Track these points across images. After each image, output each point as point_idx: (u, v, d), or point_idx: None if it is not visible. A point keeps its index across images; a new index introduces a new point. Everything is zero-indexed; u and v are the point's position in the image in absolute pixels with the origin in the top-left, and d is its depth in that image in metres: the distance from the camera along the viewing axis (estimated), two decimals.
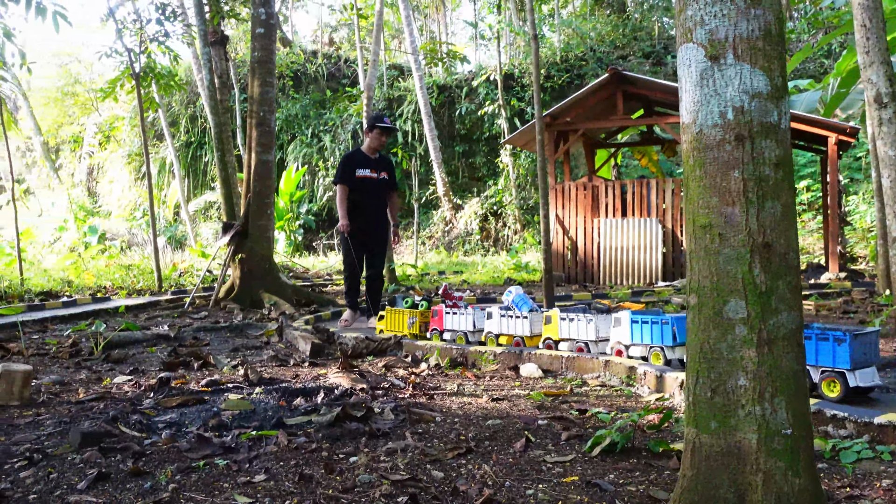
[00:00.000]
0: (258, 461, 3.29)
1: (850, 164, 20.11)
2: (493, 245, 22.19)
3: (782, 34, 1.94)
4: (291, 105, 26.02)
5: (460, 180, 24.90)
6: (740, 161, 1.89)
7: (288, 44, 30.33)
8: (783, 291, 1.89)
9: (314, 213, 24.87)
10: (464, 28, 35.43)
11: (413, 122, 24.70)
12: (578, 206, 13.79)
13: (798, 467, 1.87)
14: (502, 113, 22.66)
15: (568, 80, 24.14)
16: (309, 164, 25.03)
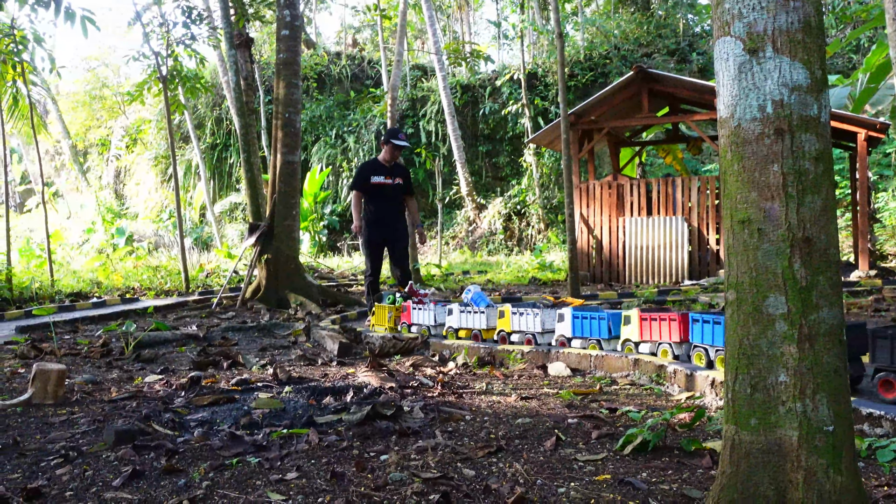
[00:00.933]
0: (290, 459, 3.30)
1: (880, 161, 19.81)
2: (517, 245, 22.14)
3: (821, 26, 1.91)
4: (315, 106, 26.16)
5: (484, 180, 24.88)
6: (780, 155, 1.87)
7: (312, 46, 30.51)
8: (824, 287, 1.87)
9: (338, 213, 24.98)
10: (487, 27, 35.41)
11: (437, 122, 24.73)
12: (603, 204, 13.73)
13: (840, 465, 1.84)
14: (526, 112, 22.61)
15: (592, 79, 24.04)
16: (333, 165, 25.14)
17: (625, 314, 5.26)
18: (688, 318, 4.83)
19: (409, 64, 27.01)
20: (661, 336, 5.01)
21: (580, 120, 13.95)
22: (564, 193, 8.67)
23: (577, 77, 24.02)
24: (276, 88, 11.18)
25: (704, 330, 4.65)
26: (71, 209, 29.92)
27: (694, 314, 4.81)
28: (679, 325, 4.85)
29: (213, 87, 25.06)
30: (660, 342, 5.02)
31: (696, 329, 4.75)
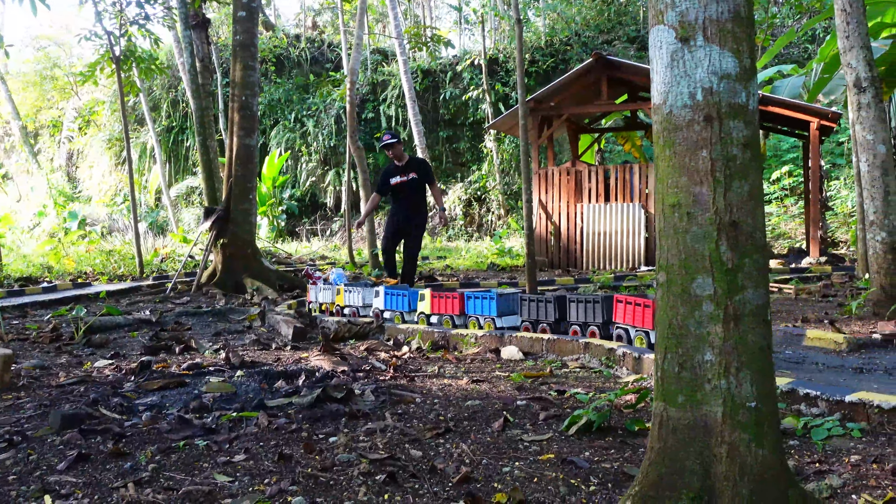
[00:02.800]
0: (238, 442, 3.31)
1: (833, 150, 20.25)
2: (477, 230, 22.23)
3: (751, 17, 1.97)
4: (274, 89, 25.85)
5: (444, 165, 24.88)
6: (709, 141, 1.92)
7: (271, 28, 30.10)
8: (749, 269, 1.93)
9: (297, 198, 24.78)
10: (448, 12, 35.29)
11: (397, 106, 24.62)
12: (562, 191, 13.84)
13: (762, 439, 1.92)
14: (486, 98, 22.63)
15: (553, 65, 24.13)
16: (292, 149, 24.91)
17: (421, 292, 6.53)
18: (464, 295, 6.16)
19: (369, 48, 26.82)
20: (446, 310, 6.24)
21: (540, 106, 14.03)
22: (522, 180, 8.72)
23: (537, 63, 24.10)
24: (232, 71, 11.04)
25: (476, 304, 6.05)
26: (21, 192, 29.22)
27: (468, 292, 6.16)
28: (458, 300, 6.15)
29: (169, 68, 24.60)
30: (444, 314, 6.26)
31: (469, 304, 6.11)
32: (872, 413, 3.31)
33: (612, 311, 5.36)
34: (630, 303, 5.13)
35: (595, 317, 5.44)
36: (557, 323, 5.71)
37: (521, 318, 5.91)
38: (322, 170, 24.86)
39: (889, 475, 2.75)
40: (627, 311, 5.14)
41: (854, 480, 2.70)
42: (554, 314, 5.69)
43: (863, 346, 5.17)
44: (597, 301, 5.45)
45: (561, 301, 5.70)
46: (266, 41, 26.92)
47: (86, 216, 24.53)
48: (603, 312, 5.40)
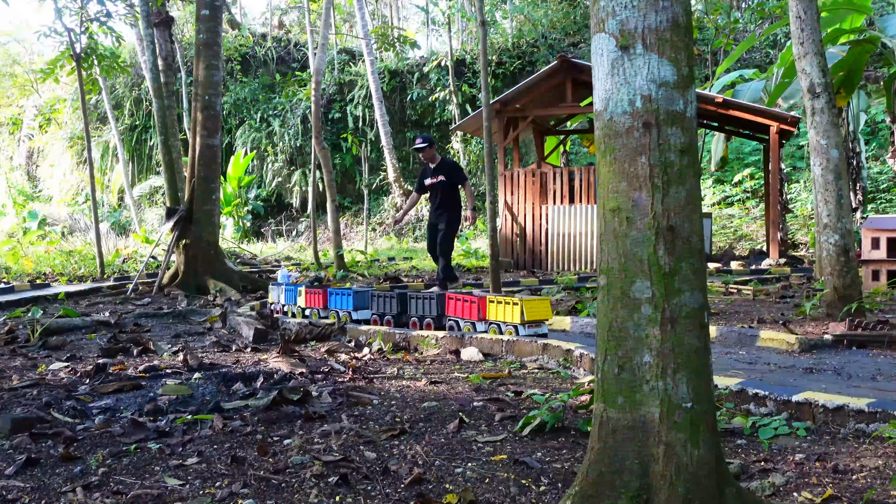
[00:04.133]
0: (192, 445, 3.29)
1: (793, 153, 20.61)
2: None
3: (690, 26, 2.01)
4: (240, 89, 25.64)
5: (412, 166, 24.86)
6: (647, 147, 1.96)
7: (236, 26, 29.85)
8: (686, 273, 1.98)
9: (263, 198, 24.60)
10: (416, 13, 35.28)
11: (364, 107, 24.56)
12: (527, 192, 13.92)
13: (698, 439, 1.96)
14: (453, 99, 22.67)
15: (519, 67, 24.24)
16: (258, 149, 24.73)
17: (299, 289, 7.36)
18: (327, 292, 7.05)
19: (336, 47, 26.73)
20: (315, 304, 7.10)
21: (506, 108, 14.09)
22: (486, 182, 8.76)
23: (504, 65, 24.20)
24: (195, 70, 10.94)
25: (336, 300, 6.92)
26: None
27: (331, 289, 7.07)
28: (322, 296, 7.00)
29: (132, 66, 24.28)
30: (314, 308, 7.11)
31: (331, 299, 6.98)
32: (818, 412, 3.40)
33: (444, 306, 6.19)
34: (459, 299, 6.07)
35: (431, 311, 6.25)
36: (399, 315, 6.53)
37: (371, 312, 6.75)
38: (288, 170, 24.72)
39: (830, 473, 2.82)
40: (457, 306, 6.06)
41: (797, 478, 2.77)
42: (397, 308, 6.53)
43: (814, 346, 5.29)
44: (432, 297, 6.29)
45: (402, 297, 6.57)
46: (232, 40, 26.70)
47: (46, 216, 24.10)
48: (437, 307, 6.22)
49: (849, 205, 6.75)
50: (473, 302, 5.88)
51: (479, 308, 5.84)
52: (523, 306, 5.50)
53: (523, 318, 5.51)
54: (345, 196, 24.25)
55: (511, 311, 5.60)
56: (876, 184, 18.28)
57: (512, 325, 5.60)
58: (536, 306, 5.62)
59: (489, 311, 5.79)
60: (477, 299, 5.87)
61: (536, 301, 5.71)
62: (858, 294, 6.61)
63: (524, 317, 5.50)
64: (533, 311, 5.56)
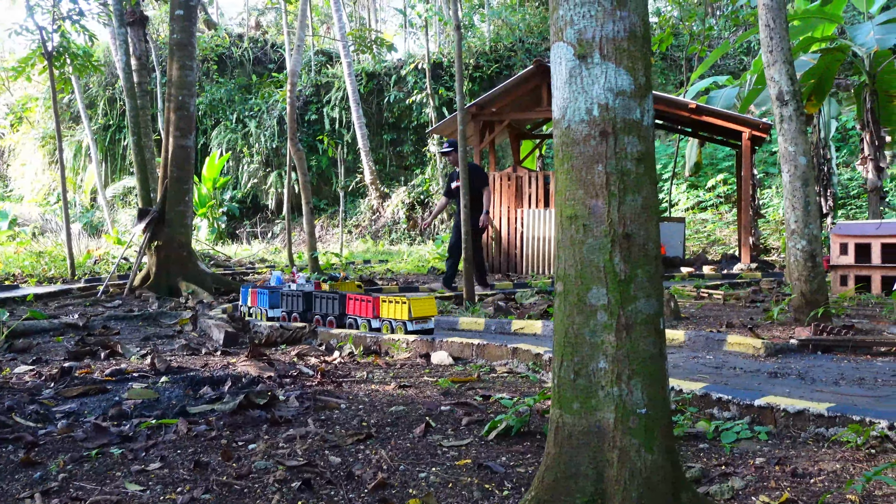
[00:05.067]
0: (155, 449, 3.27)
1: (766, 159, 20.88)
2: (420, 234, 22.26)
3: (647, 36, 2.03)
4: (216, 89, 25.47)
5: (388, 169, 24.87)
6: (604, 156, 1.98)
7: (213, 26, 29.66)
8: (642, 280, 2.00)
9: (238, 200, 24.45)
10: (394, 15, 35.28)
11: (341, 109, 24.52)
12: (503, 196, 13.96)
13: (652, 444, 1.98)
14: (430, 102, 22.69)
15: (497, 71, 24.34)
16: (233, 150, 24.58)
17: (249, 290, 7.76)
18: (257, 290, 7.58)
19: (313, 49, 26.64)
20: (254, 303, 7.57)
21: (482, 111, 14.13)
22: (460, 185, 8.79)
23: (482, 68, 24.27)
24: (169, 70, 10.87)
25: (261, 299, 7.43)
26: None
27: (260, 290, 7.50)
28: (256, 295, 7.55)
29: (106, 65, 24.04)
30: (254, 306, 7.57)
31: (258, 298, 7.50)
32: (779, 416, 3.44)
33: (345, 305, 6.68)
34: (358, 299, 6.59)
35: (333, 309, 6.75)
36: (305, 313, 7.03)
37: (281, 310, 7.25)
38: (264, 171, 24.59)
39: (789, 476, 2.86)
40: (355, 305, 6.59)
41: (756, 482, 2.81)
42: (303, 306, 7.02)
43: (780, 351, 5.35)
44: (334, 297, 6.78)
45: (308, 296, 7.06)
46: (208, 40, 26.53)
47: (17, 216, 23.77)
48: (339, 306, 6.73)
49: (816, 211, 6.84)
50: (368, 301, 6.46)
51: (374, 307, 6.42)
52: (410, 305, 6.10)
53: (410, 315, 6.12)
54: (321, 198, 24.19)
55: (400, 310, 6.19)
56: (846, 190, 18.56)
57: (401, 321, 6.19)
58: (423, 304, 6.23)
59: (382, 309, 6.37)
60: (371, 299, 6.46)
61: (423, 300, 6.30)
62: (825, 299, 6.70)
63: (411, 314, 6.12)
64: (419, 308, 6.18)
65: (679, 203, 20.78)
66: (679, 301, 8.71)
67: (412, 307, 6.10)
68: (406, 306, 6.12)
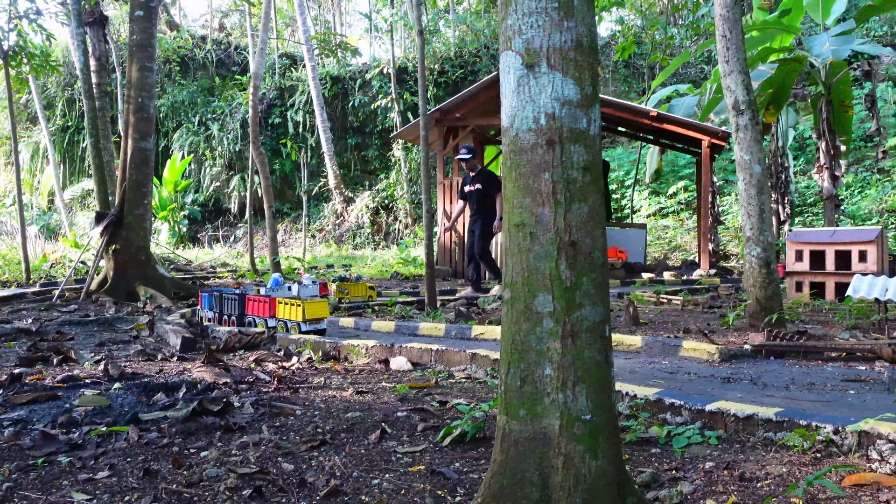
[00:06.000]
0: (105, 458, 3.21)
1: (726, 167, 21.19)
2: (384, 239, 22.22)
3: (594, 46, 2.06)
4: (178, 91, 25.17)
5: (352, 173, 24.78)
6: (551, 164, 2.00)
7: (175, 27, 29.32)
8: (587, 287, 2.02)
9: (200, 203, 24.17)
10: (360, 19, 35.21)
11: (305, 112, 24.38)
12: None
13: (597, 450, 2.00)
14: (395, 106, 22.68)
15: (462, 76, 24.40)
16: (195, 152, 24.30)
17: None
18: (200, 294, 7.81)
19: (277, 52, 26.47)
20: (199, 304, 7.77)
21: (446, 116, 14.16)
22: (423, 191, 8.79)
23: (446, 74, 24.32)
24: (128, 71, 10.72)
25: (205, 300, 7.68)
26: None
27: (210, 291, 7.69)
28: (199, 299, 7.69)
29: (65, 65, 23.63)
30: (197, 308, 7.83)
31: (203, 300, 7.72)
32: (729, 421, 3.49)
33: (245, 305, 7.14)
34: (256, 300, 7.06)
35: (235, 310, 7.21)
36: (221, 314, 7.45)
37: (213, 311, 7.59)
38: (226, 175, 24.36)
39: (737, 481, 2.90)
40: (254, 306, 7.08)
41: (704, 486, 2.85)
42: (238, 310, 7.31)
43: (734, 356, 5.44)
44: (234, 298, 7.26)
45: (219, 297, 7.51)
46: (170, 41, 26.21)
47: None
48: (239, 307, 7.20)
49: (770, 218, 6.98)
50: (266, 302, 6.87)
51: (271, 308, 6.84)
52: (304, 307, 6.52)
53: (304, 316, 6.51)
54: (284, 202, 24.03)
55: (295, 311, 6.61)
56: (803, 198, 18.93)
57: (296, 322, 6.59)
58: (316, 307, 6.65)
59: (278, 310, 6.79)
60: (268, 300, 6.87)
61: (316, 303, 6.70)
62: (779, 305, 6.83)
63: (305, 315, 6.51)
64: (312, 310, 6.59)
65: (641, 209, 21.02)
66: (639, 307, 8.81)
67: (306, 309, 6.49)
68: (301, 308, 6.50)
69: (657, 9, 25.36)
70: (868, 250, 9.19)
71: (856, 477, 2.82)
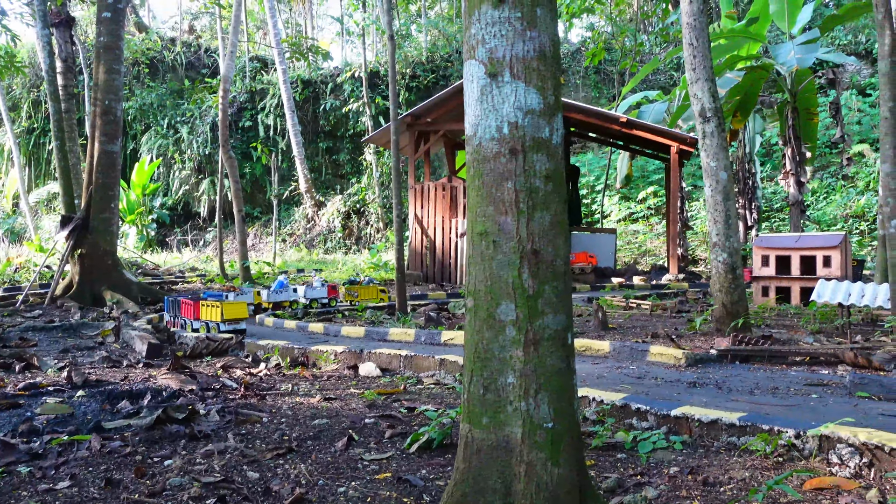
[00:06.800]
0: (66, 467, 3.16)
1: (694, 172, 21.43)
2: (356, 243, 22.14)
3: (557, 56, 2.08)
4: (147, 94, 24.89)
5: (324, 177, 24.68)
6: (513, 173, 2.01)
7: (144, 29, 29.01)
8: (550, 295, 2.03)
9: (169, 207, 23.91)
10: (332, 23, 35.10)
11: (276, 115, 24.24)
12: (437, 206, 13.99)
13: (558, 458, 2.01)
14: (367, 111, 22.63)
15: (433, 81, 24.42)
16: (164, 155, 24.04)
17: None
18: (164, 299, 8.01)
19: (248, 55, 26.30)
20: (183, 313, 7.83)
21: (417, 121, 14.16)
22: (393, 196, 8.78)
23: (418, 78, 24.32)
24: (95, 73, 10.59)
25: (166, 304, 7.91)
26: None
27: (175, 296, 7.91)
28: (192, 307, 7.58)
29: (31, 66, 23.26)
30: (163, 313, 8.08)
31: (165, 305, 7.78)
32: (694, 426, 3.53)
33: (179, 307, 7.54)
34: (186, 303, 7.45)
35: (175, 311, 7.70)
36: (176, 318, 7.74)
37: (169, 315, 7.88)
38: (196, 178, 24.12)
39: (700, 486, 2.93)
40: (185, 308, 7.44)
41: (669, 491, 2.87)
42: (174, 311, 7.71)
43: (700, 361, 5.49)
44: (177, 300, 7.68)
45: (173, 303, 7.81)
46: (138, 43, 25.91)
47: None
48: (174, 308, 7.66)
49: (737, 224, 7.06)
50: (191, 305, 7.36)
51: (195, 309, 7.27)
52: (223, 308, 6.96)
53: (223, 317, 6.95)
54: (254, 206, 23.85)
55: (215, 312, 7.02)
56: (770, 203, 19.20)
57: (216, 322, 7.01)
58: (234, 308, 7.08)
59: (202, 312, 7.18)
60: (193, 303, 7.36)
61: (234, 304, 7.14)
62: (745, 310, 6.91)
63: (223, 316, 6.95)
64: (231, 311, 7.02)
65: (611, 214, 21.18)
66: (608, 311, 8.87)
67: (224, 310, 6.93)
68: (219, 309, 6.93)
69: (627, 16, 25.60)
70: (832, 255, 9.35)
71: (816, 481, 2.86)
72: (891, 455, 2.91)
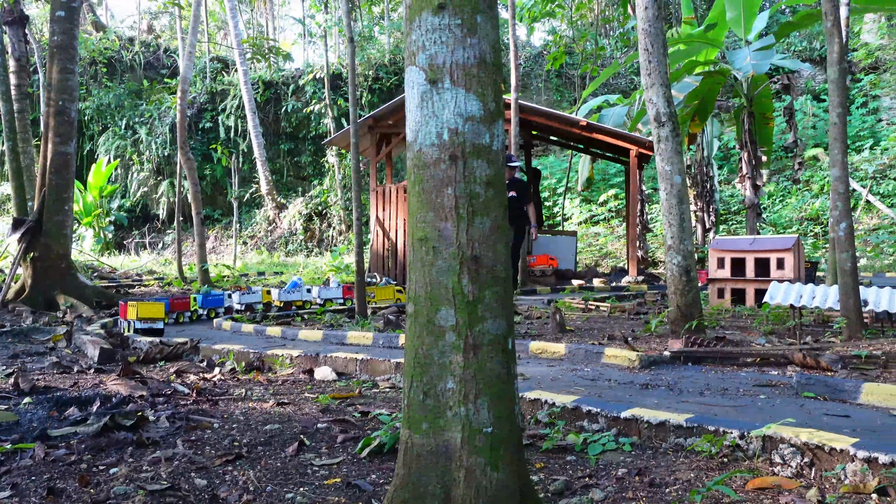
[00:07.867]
0: (8, 477, 3.10)
1: (654, 175, 21.68)
2: (318, 246, 22.02)
3: (498, 63, 2.09)
4: (104, 94, 24.49)
5: (285, 179, 24.50)
6: (453, 179, 2.02)
7: (102, 28, 28.53)
8: (490, 301, 2.05)
9: (127, 209, 23.54)
10: (293, 24, 34.88)
11: (237, 117, 24.01)
12: (399, 208, 13.97)
13: (498, 463, 2.03)
14: (329, 112, 22.53)
15: (396, 83, 24.39)
16: (122, 157, 23.67)
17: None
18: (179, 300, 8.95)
19: (208, 55, 26.01)
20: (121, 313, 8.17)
21: (378, 123, 14.13)
22: (353, 198, 8.75)
23: (381, 80, 24.28)
24: (49, 73, 10.40)
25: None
26: None
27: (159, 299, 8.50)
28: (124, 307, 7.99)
29: None
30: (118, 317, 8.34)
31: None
32: (643, 428, 3.57)
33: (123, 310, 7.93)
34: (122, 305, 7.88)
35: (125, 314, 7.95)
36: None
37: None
38: (155, 180, 23.79)
39: (647, 487, 2.97)
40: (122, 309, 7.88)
41: (615, 493, 2.90)
42: None
43: (653, 363, 5.56)
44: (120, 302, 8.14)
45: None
46: (96, 42, 25.48)
47: None
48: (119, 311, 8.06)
49: (691, 227, 7.16)
50: (124, 306, 7.88)
51: (123, 310, 7.86)
52: (138, 308, 7.58)
53: (138, 315, 7.53)
54: (215, 208, 23.59)
55: (133, 311, 7.58)
56: (727, 206, 19.52)
57: (132, 321, 7.53)
58: (149, 308, 7.66)
59: (128, 311, 7.70)
60: (123, 304, 7.86)
61: (150, 305, 7.71)
62: (699, 312, 7.00)
63: (139, 315, 7.53)
64: (145, 312, 7.60)
65: (572, 217, 21.35)
66: (567, 314, 8.94)
67: (139, 310, 7.56)
68: (136, 309, 7.57)
69: (588, 20, 25.84)
70: (785, 258, 9.53)
71: (758, 481, 2.92)
72: (830, 454, 2.97)
